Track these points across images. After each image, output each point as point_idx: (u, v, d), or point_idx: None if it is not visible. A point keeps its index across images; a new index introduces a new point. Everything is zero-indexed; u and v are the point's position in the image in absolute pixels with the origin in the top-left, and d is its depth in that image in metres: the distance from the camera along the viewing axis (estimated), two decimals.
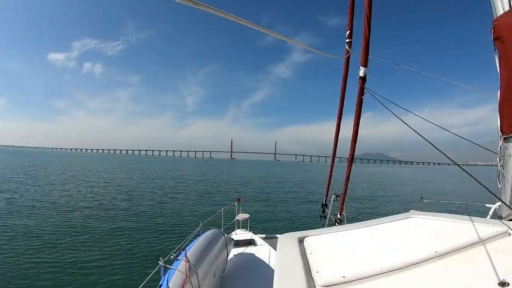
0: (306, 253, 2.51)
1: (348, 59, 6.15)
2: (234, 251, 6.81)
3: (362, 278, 2.02)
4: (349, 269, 2.12)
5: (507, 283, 1.92)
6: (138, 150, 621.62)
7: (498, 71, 3.69)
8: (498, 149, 3.75)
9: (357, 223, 3.81)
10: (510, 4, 3.70)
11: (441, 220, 3.53)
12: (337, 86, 6.51)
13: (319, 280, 1.99)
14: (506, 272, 2.10)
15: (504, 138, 3.69)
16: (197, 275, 3.89)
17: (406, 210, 4.33)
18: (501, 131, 3.70)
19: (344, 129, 6.31)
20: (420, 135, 3.79)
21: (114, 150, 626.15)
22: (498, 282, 1.95)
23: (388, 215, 3.90)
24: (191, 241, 4.72)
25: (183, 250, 4.11)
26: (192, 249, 4.33)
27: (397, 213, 4.07)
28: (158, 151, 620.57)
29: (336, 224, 6.67)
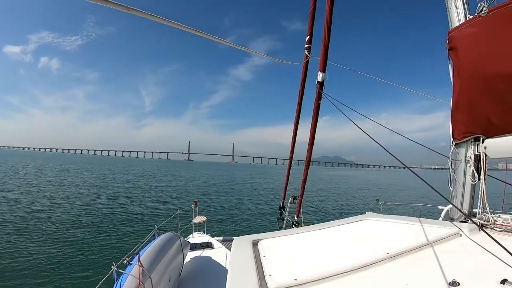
0: (260, 256, 2.51)
1: (307, 64, 6.25)
2: (191, 255, 6.72)
3: (314, 281, 2.03)
4: (302, 272, 2.13)
5: (457, 282, 2.00)
6: (93, 150, 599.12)
7: (452, 81, 3.88)
8: (450, 154, 3.95)
9: (312, 225, 3.84)
10: (466, 17, 3.91)
11: (394, 222, 3.66)
12: (297, 89, 6.59)
13: (271, 283, 1.98)
14: (457, 272, 2.18)
15: (455, 144, 3.88)
16: (151, 279, 3.79)
17: (362, 212, 4.45)
18: (452, 137, 3.89)
19: (302, 132, 6.43)
20: (372, 139, 3.94)
21: (69, 150, 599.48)
22: (448, 282, 2.03)
23: (344, 217, 3.99)
24: (145, 245, 4.60)
25: (137, 255, 4.01)
26: (146, 253, 4.22)
27: (354, 215, 4.18)
28: (114, 152, 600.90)
29: (294, 226, 6.76)
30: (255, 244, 2.84)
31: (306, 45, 6.20)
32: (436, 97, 5.31)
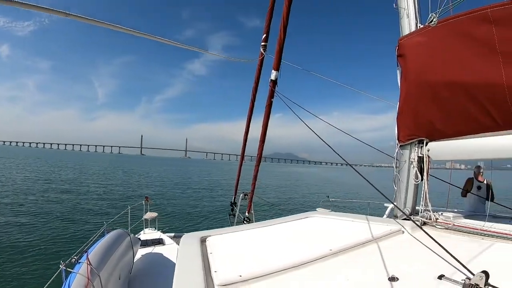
0: (207, 253, 2.53)
1: (261, 61, 6.30)
2: (142, 252, 6.59)
3: (259, 277, 2.07)
4: (247, 268, 2.17)
5: (396, 278, 2.11)
6: (42, 143, 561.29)
7: (399, 86, 4.09)
8: (395, 155, 4.16)
9: (261, 222, 3.93)
10: (417, 26, 4.11)
11: (340, 219, 3.80)
12: (251, 86, 6.63)
13: (216, 280, 2.00)
14: (397, 268, 2.31)
15: (400, 146, 4.10)
16: (100, 278, 3.69)
17: (313, 208, 4.58)
18: (398, 139, 4.11)
19: (255, 128, 6.46)
20: (318, 136, 4.09)
21: (17, 142, 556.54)
22: (388, 277, 2.13)
23: (295, 214, 4.10)
24: (94, 242, 4.46)
25: (85, 253, 3.90)
26: (95, 251, 4.10)
27: (305, 211, 4.30)
28: (64, 145, 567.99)
29: (245, 222, 6.83)
30: (203, 240, 2.86)
31: (262, 43, 6.25)
32: (385, 99, 5.55)
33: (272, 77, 5.50)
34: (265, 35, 6.23)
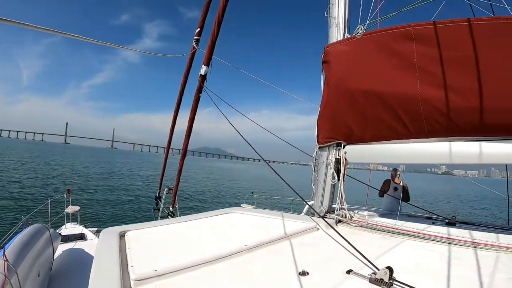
0: (125, 248, 2.50)
1: (193, 55, 6.23)
2: (63, 247, 6.19)
3: (173, 272, 2.09)
4: (163, 263, 2.18)
5: (307, 272, 2.23)
6: None
7: (322, 90, 4.30)
8: (314, 155, 4.38)
9: (182, 217, 4.00)
10: (344, 36, 4.34)
11: (258, 215, 3.91)
12: (189, 78, 6.50)
13: (132, 275, 1.99)
14: (308, 263, 2.43)
15: (319, 147, 4.32)
16: (17, 275, 3.42)
17: (238, 204, 4.65)
18: (317, 141, 4.32)
19: (184, 122, 6.37)
20: (239, 133, 4.20)
21: None
22: (299, 272, 2.24)
23: (220, 208, 4.16)
24: (12, 238, 4.11)
25: (1, 249, 3.59)
26: (12, 247, 3.80)
27: (230, 207, 4.38)
28: None
29: (169, 217, 6.74)
30: (122, 235, 2.82)
31: (195, 37, 6.17)
32: (309, 101, 5.81)
33: (202, 72, 5.47)
34: (199, 29, 6.15)
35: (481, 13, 3.79)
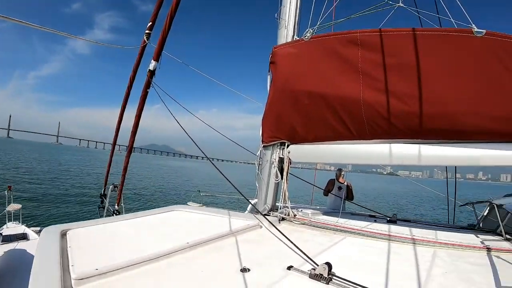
0: (66, 247, 2.42)
1: (143, 50, 6.08)
2: (4, 248, 5.84)
3: (115, 270, 2.05)
4: (104, 261, 2.13)
5: (248, 269, 2.25)
6: None
7: (268, 90, 4.35)
8: (258, 154, 4.43)
9: (125, 215, 3.88)
10: (293, 38, 4.41)
11: (202, 213, 3.90)
12: (139, 73, 6.32)
13: (73, 274, 1.94)
14: (250, 259, 2.46)
15: (263, 146, 4.37)
16: None
17: (185, 202, 4.60)
18: (261, 140, 4.37)
19: (132, 117, 6.20)
20: (184, 130, 4.16)
21: None
22: (240, 268, 2.26)
23: (163, 207, 4.09)
24: None
25: None
26: None
27: (176, 204, 4.33)
28: None
29: (114, 215, 6.55)
30: (63, 234, 2.73)
31: (146, 31, 6.02)
32: (257, 101, 5.88)
33: (151, 67, 5.36)
34: (151, 23, 6.02)
35: (429, 24, 3.98)
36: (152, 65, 5.36)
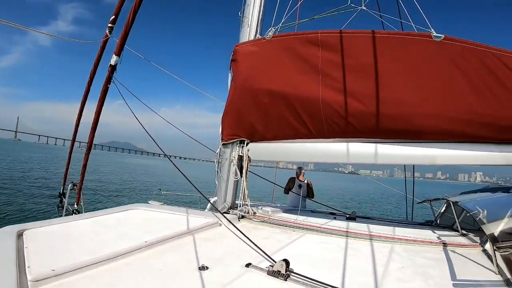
0: (23, 247, 2.35)
1: (105, 44, 5.87)
2: None
3: (71, 271, 2.00)
4: (61, 262, 2.08)
5: (206, 267, 2.25)
6: None
7: (228, 88, 4.34)
8: (218, 152, 4.40)
9: (84, 213, 3.84)
10: (255, 36, 4.40)
11: (161, 211, 3.85)
12: (100, 68, 6.08)
13: (29, 275, 1.88)
14: (209, 257, 2.46)
15: (223, 144, 4.35)
16: None
17: (146, 200, 4.49)
18: (221, 138, 4.36)
19: (93, 113, 5.97)
20: (143, 127, 4.07)
21: None
22: (198, 266, 2.25)
23: (123, 205, 4.00)
24: None
25: None
26: None
27: (137, 203, 4.25)
28: None
29: (74, 214, 6.31)
30: (20, 234, 2.64)
31: (109, 24, 5.81)
32: (219, 100, 5.84)
33: (112, 62, 5.20)
34: (114, 16, 5.81)
35: (392, 28, 4.04)
36: (113, 59, 5.20)
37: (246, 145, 4.23)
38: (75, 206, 6.60)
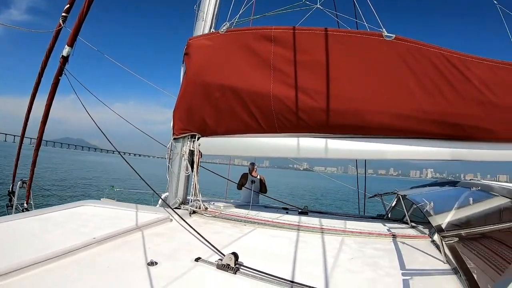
0: None
1: (57, 34, 5.59)
2: None
3: (18, 270, 1.92)
4: (7, 261, 1.99)
5: (155, 262, 2.22)
6: None
7: (181, 81, 4.29)
8: (169, 146, 4.35)
9: (31, 211, 3.77)
10: (210, 30, 4.37)
11: (111, 208, 3.77)
12: (53, 59, 5.76)
13: None
14: (158, 253, 2.43)
15: (174, 139, 4.31)
16: None
17: (99, 198, 4.36)
18: (172, 132, 4.31)
19: (43, 107, 5.67)
20: (94, 122, 3.93)
21: None
22: (147, 262, 2.22)
23: (72, 202, 3.94)
24: None
25: None
26: None
27: (86, 200, 4.13)
28: None
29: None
30: None
31: (63, 14, 5.53)
32: (173, 95, 5.76)
33: (64, 53, 4.98)
34: (68, 5, 5.54)
35: (347, 28, 4.17)
36: (65, 50, 4.97)
37: (198, 140, 4.21)
38: (25, 204, 6.30)
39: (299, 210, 5.00)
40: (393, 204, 5.80)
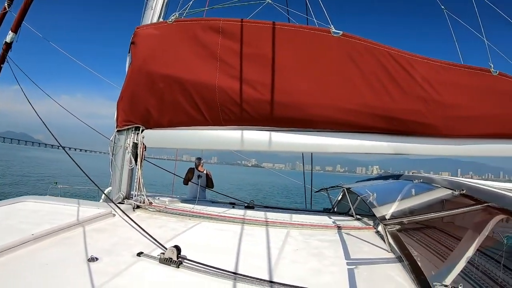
0: None
1: (2, 17, 5.27)
2: None
3: None
4: None
5: (96, 258, 2.18)
6: None
7: (126, 71, 4.17)
8: (112, 139, 4.23)
9: None
10: (158, 19, 4.29)
11: (52, 204, 3.63)
12: None
13: None
14: (100, 248, 2.40)
15: (118, 131, 4.19)
16: None
17: (43, 195, 4.21)
18: (116, 124, 4.20)
19: None
20: (37, 115, 3.78)
21: None
22: (87, 258, 2.18)
23: (13, 198, 3.75)
24: None
25: None
26: None
27: (26, 196, 3.96)
28: None
29: None
30: None
31: None
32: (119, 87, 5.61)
33: (8, 39, 4.71)
34: None
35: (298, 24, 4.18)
36: (9, 36, 4.69)
37: (142, 132, 4.14)
38: None
39: (246, 205, 5.06)
40: (339, 198, 5.97)
